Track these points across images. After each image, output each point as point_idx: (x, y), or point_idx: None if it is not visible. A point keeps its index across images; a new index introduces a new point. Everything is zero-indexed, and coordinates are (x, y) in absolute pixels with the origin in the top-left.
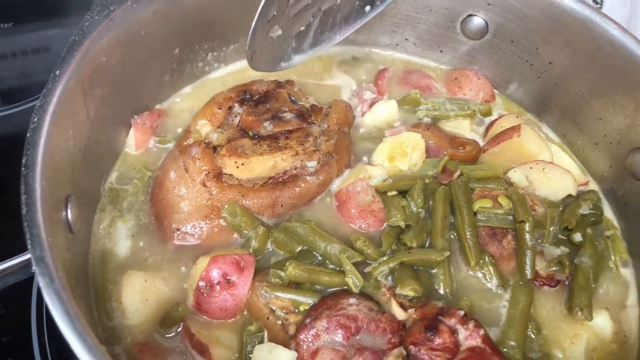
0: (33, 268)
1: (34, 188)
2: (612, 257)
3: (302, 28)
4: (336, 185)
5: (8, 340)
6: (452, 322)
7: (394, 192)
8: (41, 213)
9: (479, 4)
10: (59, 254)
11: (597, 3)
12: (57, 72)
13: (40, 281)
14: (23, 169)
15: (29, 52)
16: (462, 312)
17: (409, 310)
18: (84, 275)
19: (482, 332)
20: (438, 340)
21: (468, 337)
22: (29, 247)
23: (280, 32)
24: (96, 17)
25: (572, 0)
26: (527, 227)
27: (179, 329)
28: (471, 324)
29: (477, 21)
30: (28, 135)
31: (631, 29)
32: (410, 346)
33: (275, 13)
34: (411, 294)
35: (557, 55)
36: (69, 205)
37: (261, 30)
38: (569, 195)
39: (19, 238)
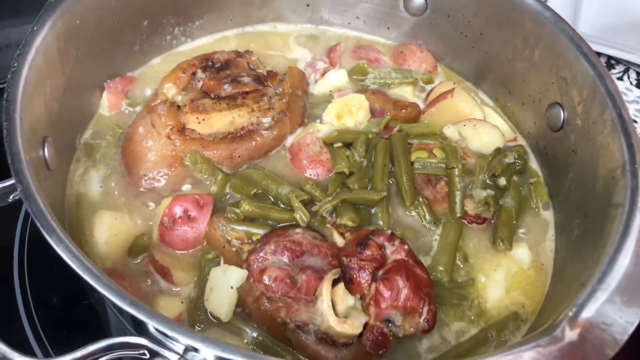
0: (17, 191)
1: (14, 118)
2: (535, 200)
3: None
4: (290, 140)
5: None
6: (380, 239)
7: (340, 144)
8: (20, 139)
9: None
10: (36, 178)
11: None
12: (35, 28)
13: (19, 188)
14: (5, 102)
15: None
16: (389, 232)
17: (346, 235)
18: (60, 210)
19: (406, 247)
20: (367, 253)
21: (394, 252)
22: (10, 162)
23: None
24: None
25: None
26: (456, 172)
27: (145, 258)
28: (397, 241)
29: None
30: (8, 77)
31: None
32: (343, 258)
33: None
34: (349, 223)
35: (486, 26)
36: (45, 145)
37: None
38: (498, 148)
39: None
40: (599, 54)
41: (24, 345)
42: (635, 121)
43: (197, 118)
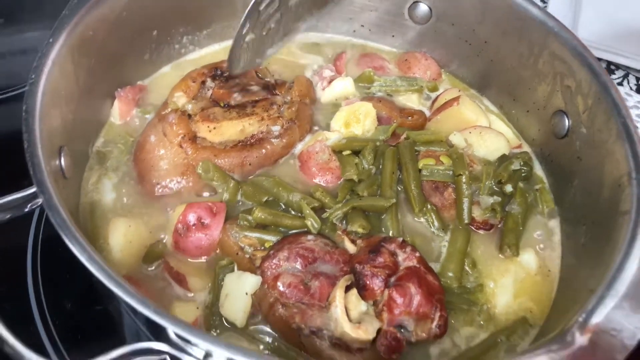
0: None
1: (33, 129)
2: (540, 206)
3: (272, 26)
4: (299, 148)
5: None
6: (392, 247)
7: (348, 152)
8: (40, 150)
9: None
10: (56, 187)
11: (544, 2)
12: (51, 40)
13: (41, 198)
14: (24, 114)
15: (17, 53)
16: (400, 239)
17: (358, 242)
18: (76, 216)
19: (417, 254)
20: (379, 260)
21: (406, 259)
22: (32, 173)
23: (253, 36)
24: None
25: None
26: (463, 179)
27: (159, 265)
28: (408, 249)
29: (422, 7)
30: (27, 88)
31: (575, 26)
32: (356, 265)
33: (249, 25)
34: (360, 230)
35: (490, 34)
36: (62, 154)
37: (238, 43)
38: (503, 155)
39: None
40: (599, 60)
41: (41, 350)
42: (636, 126)
43: (208, 127)
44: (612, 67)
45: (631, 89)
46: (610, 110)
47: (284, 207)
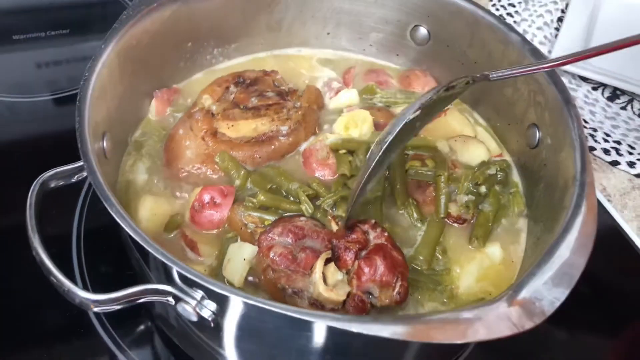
0: (81, 173)
1: (84, 115)
2: (512, 207)
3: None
4: (303, 146)
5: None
6: (365, 227)
7: (344, 151)
8: (87, 132)
9: (421, 17)
10: (97, 162)
11: (557, 29)
12: (102, 46)
13: (85, 166)
14: (77, 102)
15: (80, 59)
16: (373, 221)
17: (339, 223)
18: (113, 191)
19: (386, 234)
20: (353, 236)
21: (376, 237)
22: (79, 147)
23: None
24: (131, 13)
25: (484, 12)
26: (442, 178)
27: (177, 233)
28: (379, 229)
29: (422, 30)
30: (81, 83)
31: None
32: (334, 240)
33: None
34: (343, 214)
35: (479, 56)
36: (105, 138)
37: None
38: (483, 162)
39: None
40: (605, 85)
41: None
42: (634, 147)
43: (227, 124)
44: (618, 92)
45: (634, 113)
46: (566, 123)
47: (285, 194)
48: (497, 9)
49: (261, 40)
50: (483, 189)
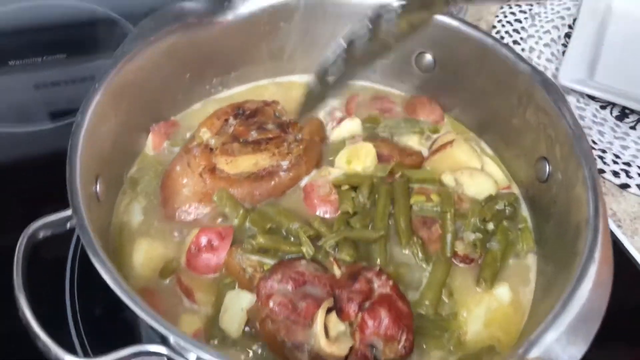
0: (72, 220)
1: (75, 162)
2: (521, 244)
3: (335, 77)
4: (304, 181)
5: (45, 285)
6: (369, 275)
7: (347, 187)
8: (78, 179)
9: (426, 43)
10: (88, 209)
11: (564, 45)
12: (96, 86)
13: (75, 219)
14: (68, 149)
15: (77, 80)
16: (377, 268)
17: (342, 269)
18: (106, 236)
19: (391, 282)
20: (356, 286)
21: (380, 286)
22: (70, 198)
23: (320, 88)
24: (125, 49)
25: (493, 41)
26: (448, 215)
27: (173, 279)
28: (384, 277)
29: (427, 57)
30: (73, 127)
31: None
32: (336, 289)
33: (317, 80)
34: (347, 258)
35: (486, 85)
36: (98, 182)
37: (308, 99)
38: (490, 195)
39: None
40: (614, 104)
41: (70, 345)
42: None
43: (226, 160)
44: (627, 111)
45: None
46: (579, 160)
47: (285, 233)
48: (503, 25)
49: (262, 68)
50: (491, 225)
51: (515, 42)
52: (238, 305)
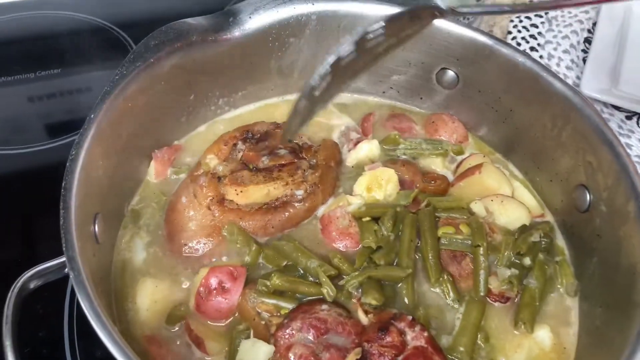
0: (66, 269)
1: (69, 206)
2: (560, 279)
3: (323, 90)
4: (321, 211)
5: (43, 335)
6: (401, 325)
7: (368, 218)
8: (74, 224)
9: (449, 59)
10: (86, 257)
11: (585, 51)
12: (92, 116)
13: (71, 274)
14: (62, 190)
15: (74, 92)
16: (410, 317)
17: (369, 316)
18: (107, 277)
19: (426, 334)
20: (388, 339)
21: (414, 338)
22: (64, 249)
23: (307, 103)
24: (124, 72)
25: (523, 57)
26: (481, 250)
27: (181, 326)
28: (417, 328)
29: (449, 73)
30: (67, 164)
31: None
32: (365, 343)
33: (305, 97)
34: (373, 302)
35: (515, 103)
36: (96, 221)
37: (295, 114)
38: (524, 225)
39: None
40: (636, 113)
41: None
42: None
43: (236, 190)
44: None
45: None
46: (628, 193)
47: (302, 272)
48: (519, 30)
49: (271, 86)
50: (527, 260)
51: (532, 48)
52: (254, 356)
